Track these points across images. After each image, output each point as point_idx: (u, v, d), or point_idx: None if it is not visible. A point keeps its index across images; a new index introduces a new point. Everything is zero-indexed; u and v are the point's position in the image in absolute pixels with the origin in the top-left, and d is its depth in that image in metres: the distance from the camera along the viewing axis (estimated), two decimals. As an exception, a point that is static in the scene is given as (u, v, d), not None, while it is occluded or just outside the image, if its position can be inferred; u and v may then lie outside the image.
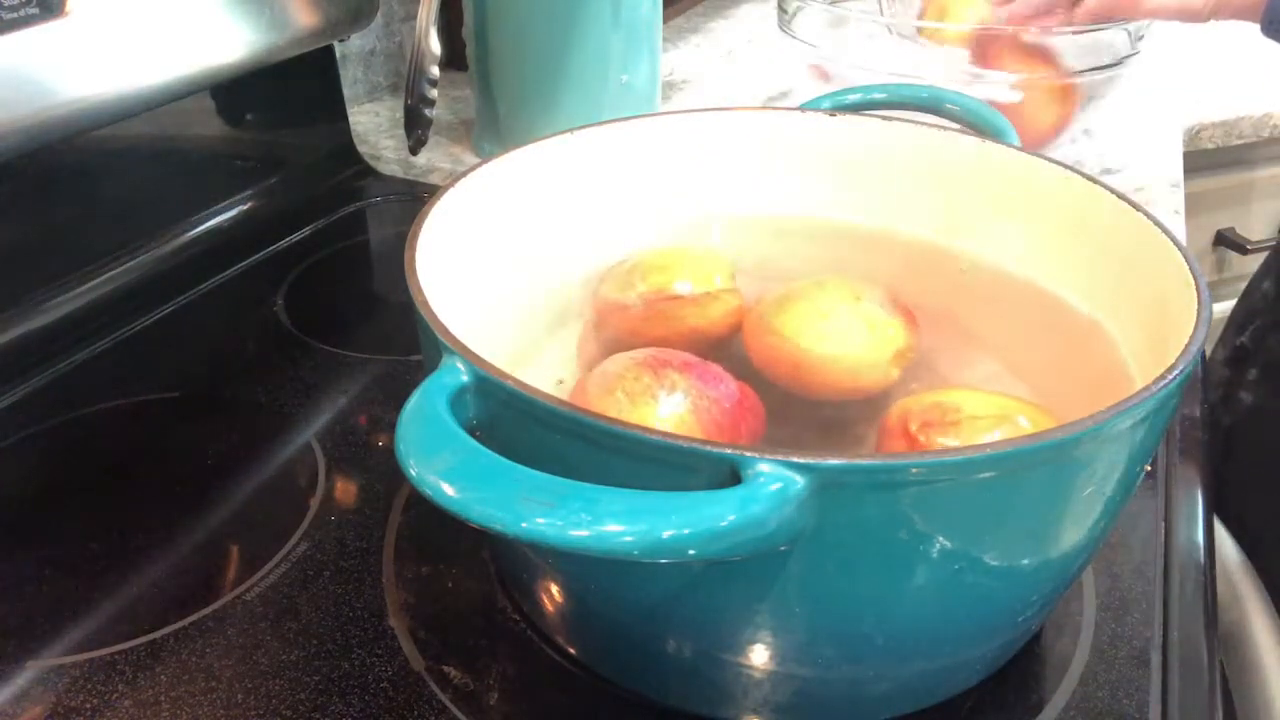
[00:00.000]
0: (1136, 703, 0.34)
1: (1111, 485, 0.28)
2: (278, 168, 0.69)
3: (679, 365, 0.35)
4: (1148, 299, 0.35)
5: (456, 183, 0.38)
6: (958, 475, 0.25)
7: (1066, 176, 0.40)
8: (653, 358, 0.35)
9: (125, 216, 0.59)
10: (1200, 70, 0.94)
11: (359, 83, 0.84)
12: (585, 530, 0.22)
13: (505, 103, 0.71)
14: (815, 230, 0.47)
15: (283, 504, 0.43)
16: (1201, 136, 0.87)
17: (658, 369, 0.34)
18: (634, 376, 0.34)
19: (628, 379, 0.34)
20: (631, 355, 0.36)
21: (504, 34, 0.68)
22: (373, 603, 0.38)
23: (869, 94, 0.51)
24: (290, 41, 0.62)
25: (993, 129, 0.46)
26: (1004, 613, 0.31)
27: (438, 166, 0.75)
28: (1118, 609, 0.37)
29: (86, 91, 0.50)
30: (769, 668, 0.30)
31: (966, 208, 0.44)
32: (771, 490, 0.23)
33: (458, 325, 0.29)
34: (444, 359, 0.28)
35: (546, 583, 0.34)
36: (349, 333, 0.55)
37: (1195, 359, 0.28)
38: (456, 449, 0.24)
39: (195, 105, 0.62)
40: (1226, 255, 1.01)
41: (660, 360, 0.35)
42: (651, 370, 0.34)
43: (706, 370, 0.35)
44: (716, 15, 1.10)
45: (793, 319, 0.39)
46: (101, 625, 0.37)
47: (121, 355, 0.53)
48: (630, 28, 0.68)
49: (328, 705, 0.34)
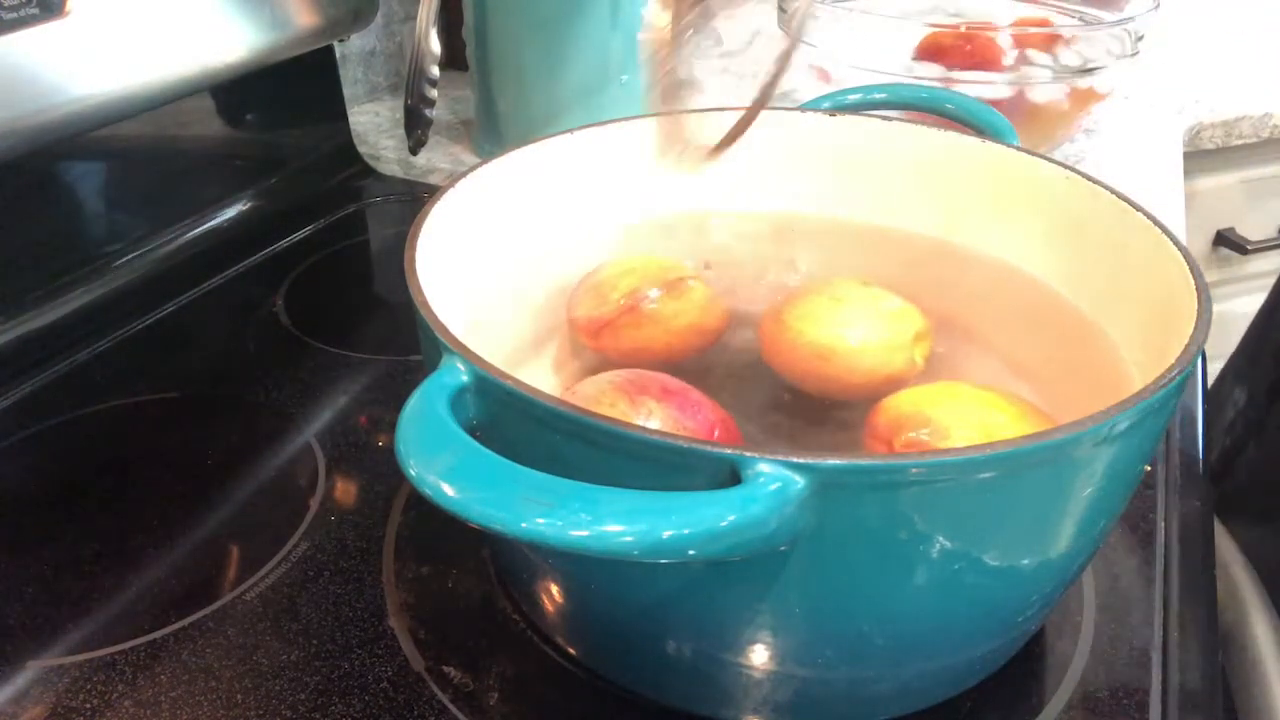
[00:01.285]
0: (1136, 702, 0.34)
1: (1111, 485, 0.28)
2: (278, 168, 0.69)
3: (658, 393, 0.33)
4: (1148, 299, 0.35)
5: (456, 183, 0.38)
6: (958, 475, 0.25)
7: (1066, 176, 0.40)
8: (630, 382, 0.34)
9: (125, 216, 0.59)
10: (1200, 70, 0.94)
11: (359, 83, 0.84)
12: (585, 530, 0.22)
13: (505, 103, 0.71)
14: (815, 229, 0.47)
15: (283, 504, 0.43)
16: (1201, 136, 0.87)
17: (634, 396, 0.33)
18: (609, 403, 0.33)
19: (603, 404, 0.33)
20: (610, 378, 0.35)
21: (504, 34, 0.68)
22: (373, 603, 0.38)
23: (869, 94, 0.51)
24: (290, 41, 0.62)
25: (992, 129, 0.46)
26: (1004, 613, 0.31)
27: (438, 166, 0.75)
28: (1118, 609, 0.37)
29: (86, 91, 0.50)
30: (769, 668, 0.30)
31: (967, 207, 0.44)
32: (771, 490, 0.23)
33: (458, 325, 0.29)
34: (444, 359, 0.28)
35: (546, 583, 0.34)
36: (349, 333, 0.55)
37: (1195, 359, 0.28)
38: (456, 449, 0.24)
39: (195, 105, 0.62)
40: (1226, 255, 1.01)
41: (638, 386, 0.34)
42: (627, 396, 0.33)
43: (686, 399, 0.34)
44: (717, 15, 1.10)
45: (809, 312, 0.39)
46: (101, 625, 0.37)
47: (121, 355, 0.53)
48: (630, 28, 0.68)
49: (328, 705, 0.34)
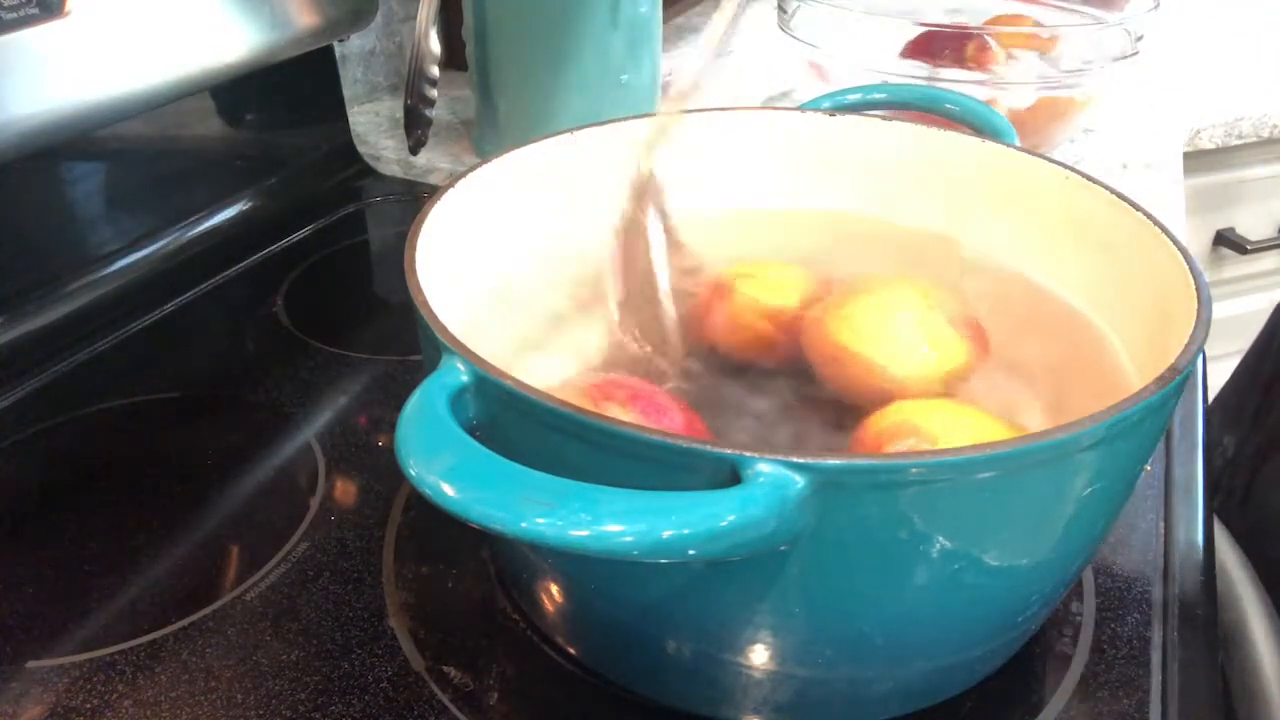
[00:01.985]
0: (1136, 702, 0.34)
1: (1111, 485, 0.28)
2: (278, 168, 0.69)
3: (624, 398, 0.33)
4: (1148, 299, 0.35)
5: (456, 183, 0.38)
6: (958, 475, 0.25)
7: (1066, 176, 0.40)
8: (597, 387, 0.34)
9: (125, 216, 0.59)
10: (1200, 70, 0.94)
11: (359, 83, 0.84)
12: (585, 530, 0.22)
13: (505, 103, 0.71)
14: (814, 229, 0.47)
15: (283, 504, 0.43)
16: (1201, 136, 0.87)
17: (599, 401, 0.33)
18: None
19: None
20: (580, 382, 0.35)
21: (504, 34, 0.68)
22: (372, 603, 0.38)
23: (869, 94, 0.51)
24: (290, 41, 0.62)
25: (992, 129, 0.46)
26: (1004, 613, 0.31)
27: (438, 166, 0.75)
28: (1118, 609, 0.37)
29: (86, 91, 0.50)
30: (769, 668, 0.30)
31: (966, 207, 0.44)
32: (771, 490, 0.23)
33: (457, 325, 0.29)
34: (444, 359, 0.28)
35: (546, 583, 0.34)
36: (349, 333, 0.55)
37: (1195, 359, 0.28)
38: (456, 449, 0.24)
39: (195, 105, 0.62)
40: (1226, 255, 1.01)
41: (605, 391, 0.34)
42: (592, 401, 0.33)
43: (652, 402, 0.34)
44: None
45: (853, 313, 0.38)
46: (101, 625, 0.37)
47: (121, 355, 0.53)
48: (630, 28, 0.68)
49: (328, 705, 0.34)
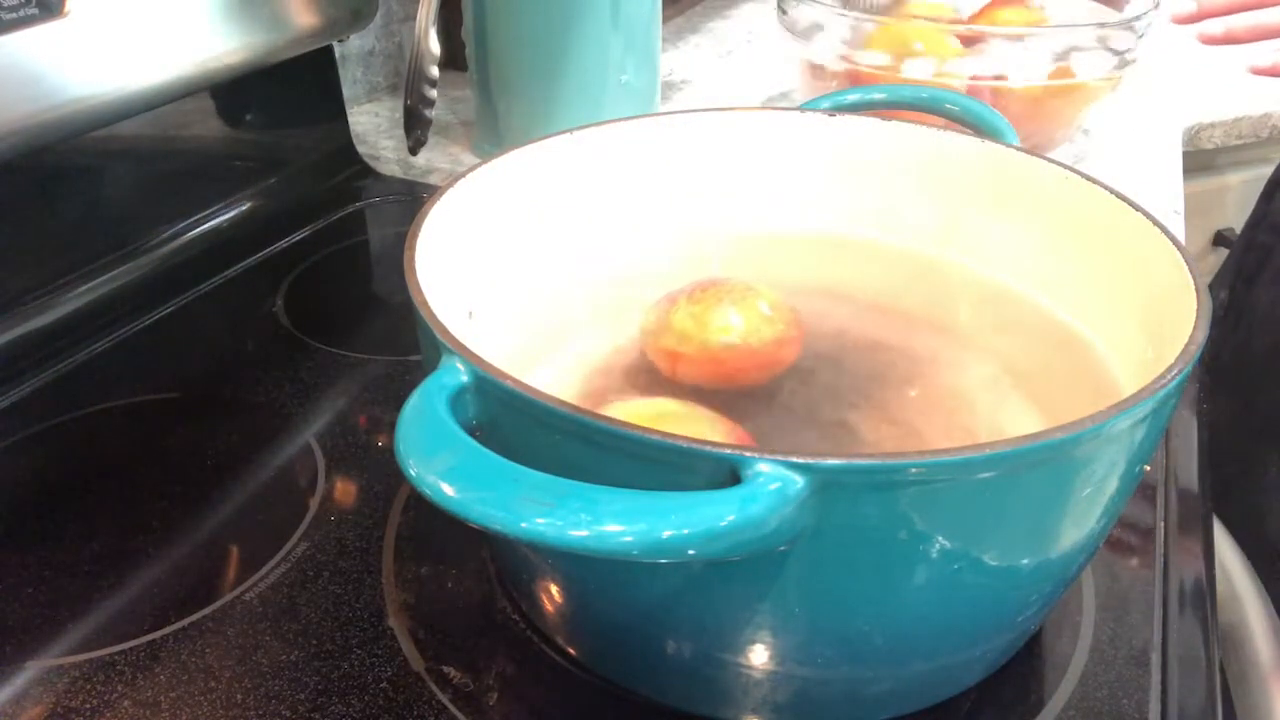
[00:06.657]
0: (1136, 702, 0.34)
1: (1111, 485, 0.28)
2: (278, 168, 0.69)
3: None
4: (1147, 299, 0.35)
5: (456, 183, 0.38)
6: (957, 475, 0.25)
7: (1066, 176, 0.40)
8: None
9: (125, 216, 0.59)
10: (1200, 70, 0.94)
11: (359, 83, 0.84)
12: (585, 530, 0.22)
13: (505, 103, 0.71)
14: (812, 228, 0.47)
15: (283, 504, 0.43)
16: (1201, 136, 0.87)
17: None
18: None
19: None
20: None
21: (504, 34, 0.68)
22: (372, 603, 0.38)
23: (868, 94, 0.51)
24: (290, 41, 0.62)
25: (992, 129, 0.46)
26: (1004, 613, 0.31)
27: (437, 166, 0.75)
28: (1118, 609, 0.37)
29: (86, 91, 0.50)
30: (769, 668, 0.30)
31: (966, 207, 0.44)
32: (771, 490, 0.23)
33: (457, 326, 0.29)
34: (444, 359, 0.28)
35: (546, 583, 0.34)
36: (349, 333, 0.55)
37: (1195, 359, 0.28)
38: (456, 449, 0.24)
39: (195, 105, 0.62)
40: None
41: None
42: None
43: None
44: (716, 15, 1.10)
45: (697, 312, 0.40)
46: (101, 625, 0.37)
47: (121, 355, 0.53)
48: (630, 28, 0.68)
49: (327, 705, 0.34)
